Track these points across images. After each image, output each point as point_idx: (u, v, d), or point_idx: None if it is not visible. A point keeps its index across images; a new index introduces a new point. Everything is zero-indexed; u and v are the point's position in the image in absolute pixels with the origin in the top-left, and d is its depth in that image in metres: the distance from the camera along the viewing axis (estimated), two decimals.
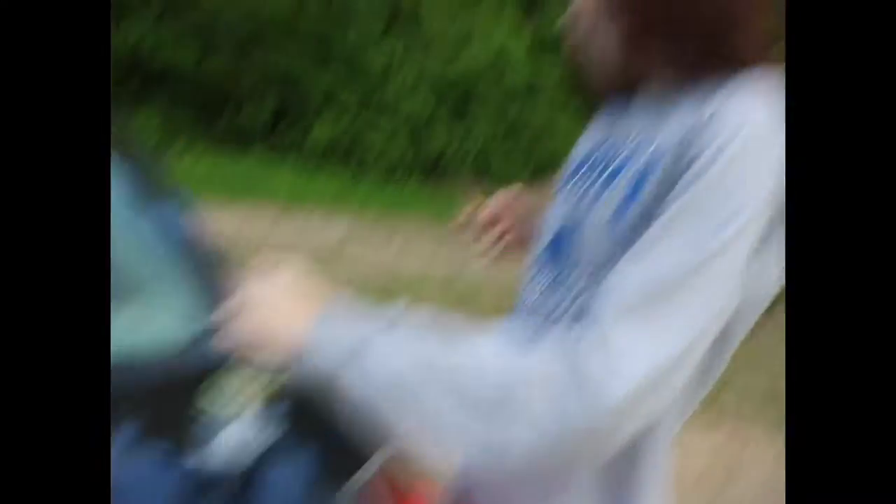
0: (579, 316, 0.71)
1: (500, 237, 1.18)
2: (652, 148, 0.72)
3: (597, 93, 0.85)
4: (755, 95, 0.68)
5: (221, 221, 7.66)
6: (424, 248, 8.46)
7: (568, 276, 0.78)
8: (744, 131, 0.65)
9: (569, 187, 0.84)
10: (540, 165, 15.14)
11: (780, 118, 0.67)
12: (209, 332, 1.01)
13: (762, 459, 4.00)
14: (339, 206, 12.14)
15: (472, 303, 5.54)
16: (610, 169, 0.77)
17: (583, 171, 0.83)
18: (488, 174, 16.57)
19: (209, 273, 1.73)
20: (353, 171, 15.68)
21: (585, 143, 0.89)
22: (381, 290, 5.52)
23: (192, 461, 1.21)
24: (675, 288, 0.64)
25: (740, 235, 0.65)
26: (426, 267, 7.00)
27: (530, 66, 16.58)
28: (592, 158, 0.83)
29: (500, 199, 1.21)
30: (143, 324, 1.55)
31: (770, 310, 0.74)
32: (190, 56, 14.28)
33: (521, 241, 1.12)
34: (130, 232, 1.71)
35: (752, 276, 0.70)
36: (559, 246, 0.80)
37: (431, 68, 16.61)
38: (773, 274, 0.73)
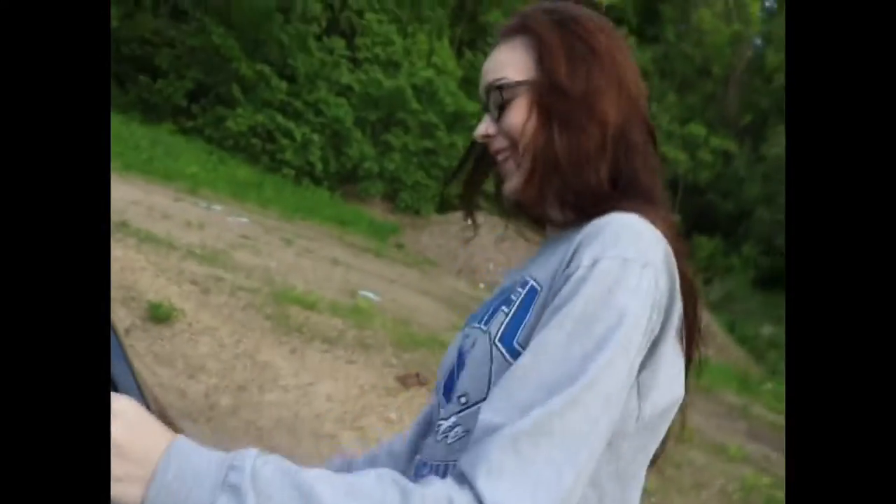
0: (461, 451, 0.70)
1: None
2: (534, 280, 0.77)
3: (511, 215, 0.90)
4: (616, 227, 0.72)
5: (117, 190, 7.14)
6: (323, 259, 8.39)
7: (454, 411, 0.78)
8: (598, 266, 0.69)
9: (472, 325, 0.84)
10: (451, 195, 15.25)
11: (637, 246, 0.71)
12: None
13: None
14: (243, 199, 11.81)
15: (365, 326, 5.34)
16: (504, 296, 0.80)
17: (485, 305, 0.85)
18: (399, 195, 16.57)
19: None
20: (263, 166, 15.31)
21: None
22: (274, 299, 5.28)
23: None
24: (548, 423, 0.65)
25: (612, 361, 0.67)
26: (321, 282, 6.74)
27: (458, 97, 16.81)
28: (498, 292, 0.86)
29: None
30: None
31: None
32: (112, 12, 13.55)
33: None
34: None
35: (644, 387, 0.72)
36: (452, 383, 0.81)
37: (359, 83, 16.56)
38: (665, 383, 0.74)
